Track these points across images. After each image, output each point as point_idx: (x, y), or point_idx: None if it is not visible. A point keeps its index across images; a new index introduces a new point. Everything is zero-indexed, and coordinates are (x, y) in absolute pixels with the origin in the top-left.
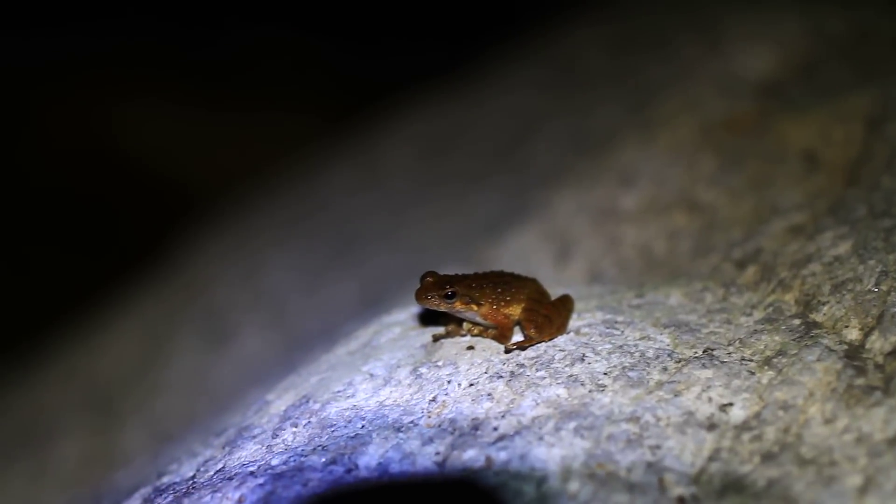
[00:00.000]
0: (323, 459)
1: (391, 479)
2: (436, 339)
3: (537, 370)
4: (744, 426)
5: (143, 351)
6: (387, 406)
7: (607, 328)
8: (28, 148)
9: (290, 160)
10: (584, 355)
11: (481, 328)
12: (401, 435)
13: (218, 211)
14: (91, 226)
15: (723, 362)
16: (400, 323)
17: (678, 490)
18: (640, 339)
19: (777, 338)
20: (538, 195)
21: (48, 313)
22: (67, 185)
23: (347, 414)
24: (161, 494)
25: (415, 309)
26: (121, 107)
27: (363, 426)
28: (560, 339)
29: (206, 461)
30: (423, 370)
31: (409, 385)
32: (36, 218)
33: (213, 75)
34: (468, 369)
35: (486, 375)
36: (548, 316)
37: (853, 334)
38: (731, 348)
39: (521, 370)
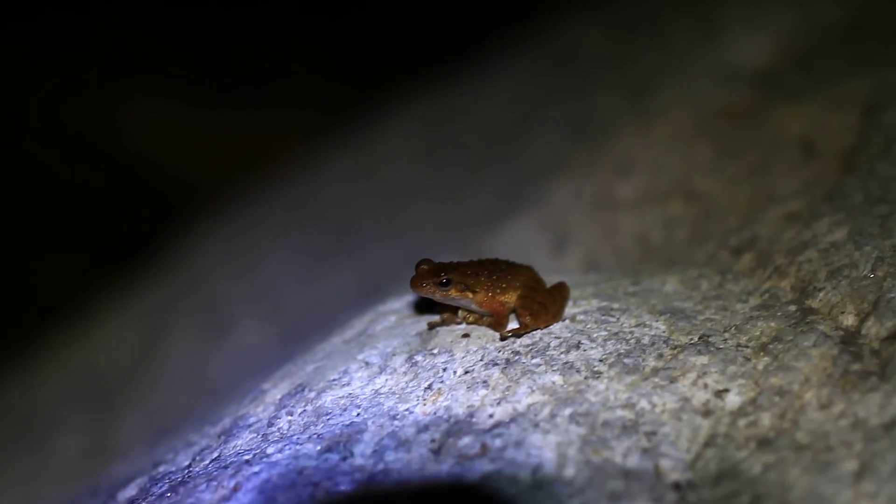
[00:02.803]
0: (318, 447)
1: (386, 466)
2: (431, 326)
3: (533, 357)
4: (740, 412)
5: (141, 344)
6: (382, 394)
7: (603, 315)
8: (29, 142)
9: (289, 154)
10: (579, 342)
11: (476, 316)
12: (396, 422)
13: (217, 204)
14: (90, 219)
15: (718, 349)
16: (395, 311)
17: (674, 476)
18: (636, 325)
19: (773, 324)
20: (535, 185)
21: (47, 307)
22: (67, 179)
23: (343, 402)
24: (157, 483)
25: (410, 297)
26: (121, 102)
27: (358, 414)
28: (555, 327)
29: (202, 450)
30: (419, 358)
31: (405, 373)
32: (35, 211)
33: (213, 70)
34: (463, 357)
35: (481, 363)
36: (543, 303)
37: (849, 320)
38: (726, 335)
39: (517, 357)
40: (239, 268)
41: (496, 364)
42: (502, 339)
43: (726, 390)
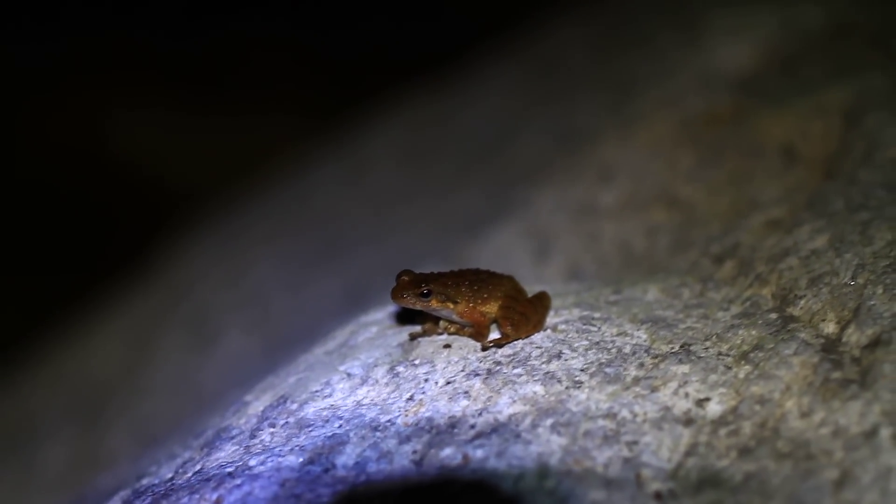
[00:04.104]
0: (300, 459)
1: (368, 478)
2: (413, 337)
3: (514, 368)
4: (721, 421)
5: (129, 353)
6: (364, 405)
7: (584, 325)
8: (17, 149)
9: (277, 159)
10: (560, 352)
11: (458, 326)
12: (378, 434)
13: (205, 213)
14: (78, 229)
15: (700, 357)
16: (377, 322)
17: (655, 485)
18: (617, 335)
19: (754, 332)
20: (519, 193)
21: (35, 316)
22: (55, 187)
23: (325, 414)
24: (140, 497)
25: (392, 308)
26: (108, 110)
27: (340, 426)
28: (537, 337)
29: (185, 463)
30: (401, 369)
31: (387, 384)
32: (24, 219)
33: (200, 76)
34: (445, 367)
35: (462, 373)
36: (524, 313)
37: (830, 328)
38: (707, 343)
39: (498, 368)
40: (227, 276)
41: (478, 374)
42: (484, 349)
43: (707, 399)
